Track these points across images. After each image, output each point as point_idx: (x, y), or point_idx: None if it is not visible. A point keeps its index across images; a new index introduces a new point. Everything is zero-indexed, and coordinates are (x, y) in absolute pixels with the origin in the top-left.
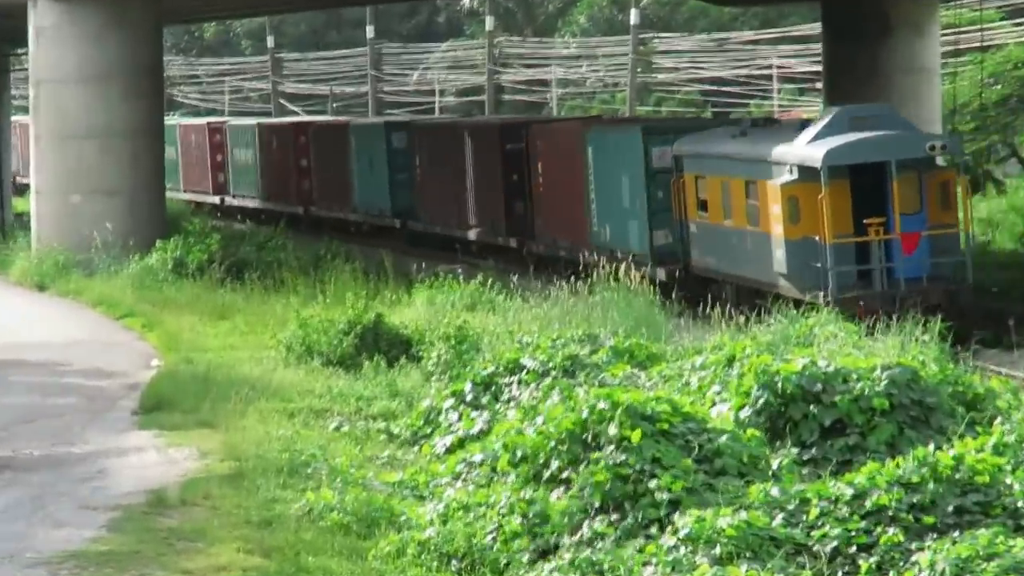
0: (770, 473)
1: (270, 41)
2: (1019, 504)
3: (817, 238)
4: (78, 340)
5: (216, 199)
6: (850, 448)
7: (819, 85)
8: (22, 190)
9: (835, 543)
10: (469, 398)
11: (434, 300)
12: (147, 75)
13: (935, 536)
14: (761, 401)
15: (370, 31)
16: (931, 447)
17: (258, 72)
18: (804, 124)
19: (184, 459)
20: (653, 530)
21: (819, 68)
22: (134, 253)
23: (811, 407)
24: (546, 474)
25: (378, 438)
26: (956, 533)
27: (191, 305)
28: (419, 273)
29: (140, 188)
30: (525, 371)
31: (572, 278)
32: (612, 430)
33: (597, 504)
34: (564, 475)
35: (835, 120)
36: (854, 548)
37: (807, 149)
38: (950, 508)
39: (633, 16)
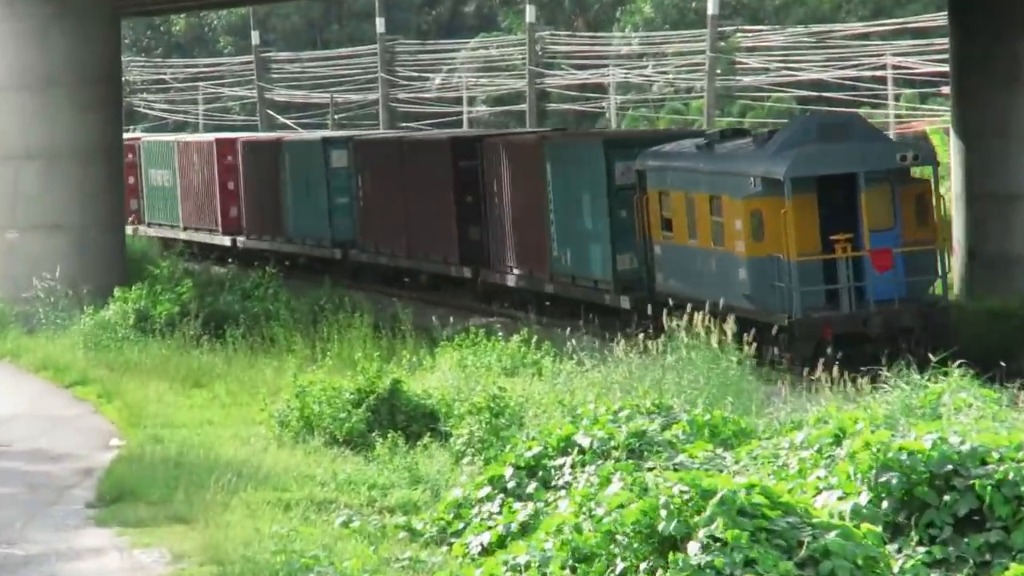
0: None
1: (255, 38)
2: None
3: (781, 256)
4: (17, 414)
5: (128, 230)
6: (991, 546)
7: (946, 89)
8: None
9: None
10: (510, 485)
11: (465, 362)
12: (101, 80)
13: None
14: (882, 488)
15: (380, 25)
16: None
17: (240, 76)
18: (771, 134)
19: (153, 563)
20: None
21: (945, 68)
22: (87, 304)
23: (943, 495)
24: None
25: (397, 535)
26: None
27: (159, 369)
28: (445, 329)
29: (93, 222)
30: (580, 451)
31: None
32: (702, 525)
33: None
34: None
35: (802, 129)
36: None
37: (770, 160)
38: None
39: (711, 5)
